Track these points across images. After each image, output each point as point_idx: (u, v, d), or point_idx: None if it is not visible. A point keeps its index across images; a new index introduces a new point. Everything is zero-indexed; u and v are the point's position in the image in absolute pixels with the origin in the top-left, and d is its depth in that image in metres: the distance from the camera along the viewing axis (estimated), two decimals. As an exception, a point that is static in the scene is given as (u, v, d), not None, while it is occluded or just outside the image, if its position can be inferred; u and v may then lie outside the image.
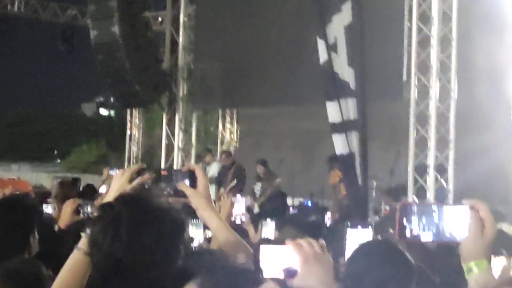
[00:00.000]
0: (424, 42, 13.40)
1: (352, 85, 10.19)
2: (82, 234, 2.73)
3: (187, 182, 3.04)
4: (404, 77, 13.75)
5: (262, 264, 2.38)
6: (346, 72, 10.28)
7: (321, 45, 10.65)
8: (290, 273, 2.42)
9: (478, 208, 2.34)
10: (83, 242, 2.74)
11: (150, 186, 3.06)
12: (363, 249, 3.52)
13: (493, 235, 2.35)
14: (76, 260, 2.87)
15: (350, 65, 10.21)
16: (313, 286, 2.52)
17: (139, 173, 3.04)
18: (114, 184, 3.00)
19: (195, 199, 3.01)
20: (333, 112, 10.42)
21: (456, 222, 2.36)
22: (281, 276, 2.42)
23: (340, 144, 10.37)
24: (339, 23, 10.59)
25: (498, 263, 3.37)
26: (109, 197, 2.87)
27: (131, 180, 3.00)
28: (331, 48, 10.43)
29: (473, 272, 2.35)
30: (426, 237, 2.38)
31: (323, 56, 10.56)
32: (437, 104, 13.18)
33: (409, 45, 13.48)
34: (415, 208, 2.39)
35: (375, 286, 3.16)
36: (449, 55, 13.15)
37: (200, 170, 3.10)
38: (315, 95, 12.77)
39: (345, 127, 10.33)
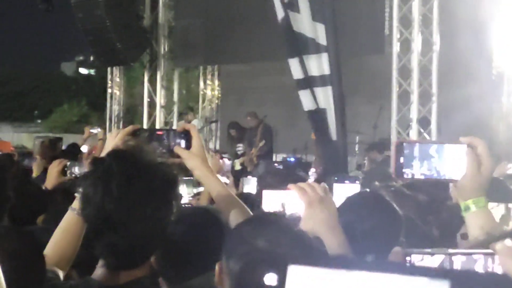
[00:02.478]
0: (405, -4, 13.36)
1: (322, 40, 10.04)
2: (76, 195, 2.72)
3: (182, 142, 3.05)
4: (386, 31, 13.73)
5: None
6: (310, 28, 10.12)
7: (276, 2, 10.50)
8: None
9: (476, 144, 2.33)
10: (76, 203, 2.74)
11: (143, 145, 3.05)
12: (352, 201, 3.55)
13: (490, 171, 2.35)
14: (70, 221, 2.90)
15: (316, 20, 10.05)
16: (318, 229, 2.53)
17: (134, 133, 3.02)
18: (107, 145, 2.99)
19: (190, 160, 3.00)
20: (295, 68, 10.34)
21: (454, 160, 2.35)
22: None
23: (306, 100, 10.31)
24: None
25: (497, 212, 3.38)
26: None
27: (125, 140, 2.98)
28: (288, 6, 10.27)
29: (471, 210, 2.34)
30: (423, 175, 2.37)
31: (280, 13, 10.42)
32: (419, 58, 13.18)
33: (391, -2, 13.44)
34: (411, 147, 2.38)
35: (364, 236, 3.19)
36: (431, 7, 13.12)
37: (195, 130, 3.09)
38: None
39: (309, 83, 10.23)
